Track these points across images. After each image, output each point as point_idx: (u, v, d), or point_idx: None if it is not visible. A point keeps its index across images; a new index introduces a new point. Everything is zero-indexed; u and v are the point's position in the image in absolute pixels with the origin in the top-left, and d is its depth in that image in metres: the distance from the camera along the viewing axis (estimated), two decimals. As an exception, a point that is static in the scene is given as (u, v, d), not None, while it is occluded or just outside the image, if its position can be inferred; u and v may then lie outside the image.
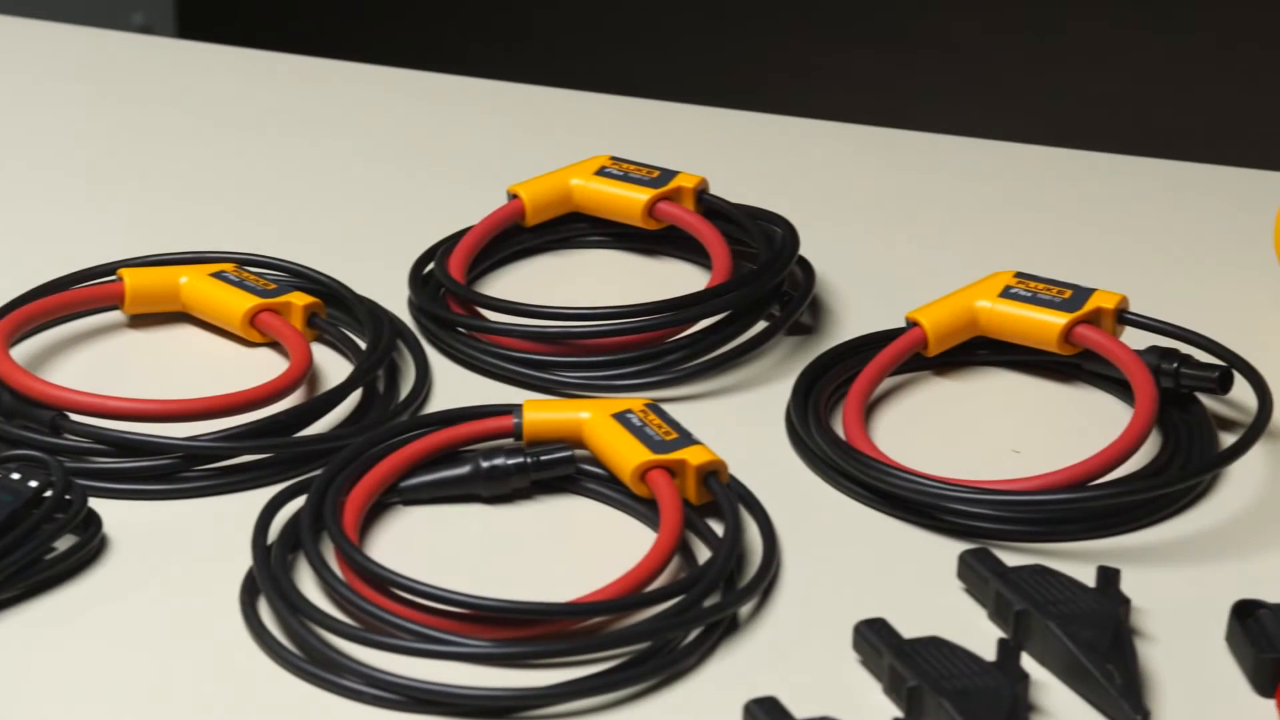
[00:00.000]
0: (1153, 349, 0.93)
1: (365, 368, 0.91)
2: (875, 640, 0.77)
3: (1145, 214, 1.11)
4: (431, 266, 1.01)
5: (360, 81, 1.26)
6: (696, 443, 0.85)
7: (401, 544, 0.84)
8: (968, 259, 1.04)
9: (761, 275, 0.98)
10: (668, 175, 1.04)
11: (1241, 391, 0.91)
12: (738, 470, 0.87)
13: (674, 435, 0.85)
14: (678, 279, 1.03)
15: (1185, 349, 0.93)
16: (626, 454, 0.85)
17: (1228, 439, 0.90)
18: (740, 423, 0.93)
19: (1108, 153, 1.16)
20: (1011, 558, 0.82)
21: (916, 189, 1.14)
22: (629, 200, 1.03)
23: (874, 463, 0.87)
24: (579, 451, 0.87)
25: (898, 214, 1.11)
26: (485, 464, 0.85)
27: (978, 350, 0.97)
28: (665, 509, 0.82)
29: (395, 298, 1.00)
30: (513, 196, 1.04)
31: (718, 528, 0.83)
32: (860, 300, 1.02)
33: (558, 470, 0.86)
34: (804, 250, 1.02)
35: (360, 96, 1.24)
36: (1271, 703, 0.76)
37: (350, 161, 1.16)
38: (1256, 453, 0.90)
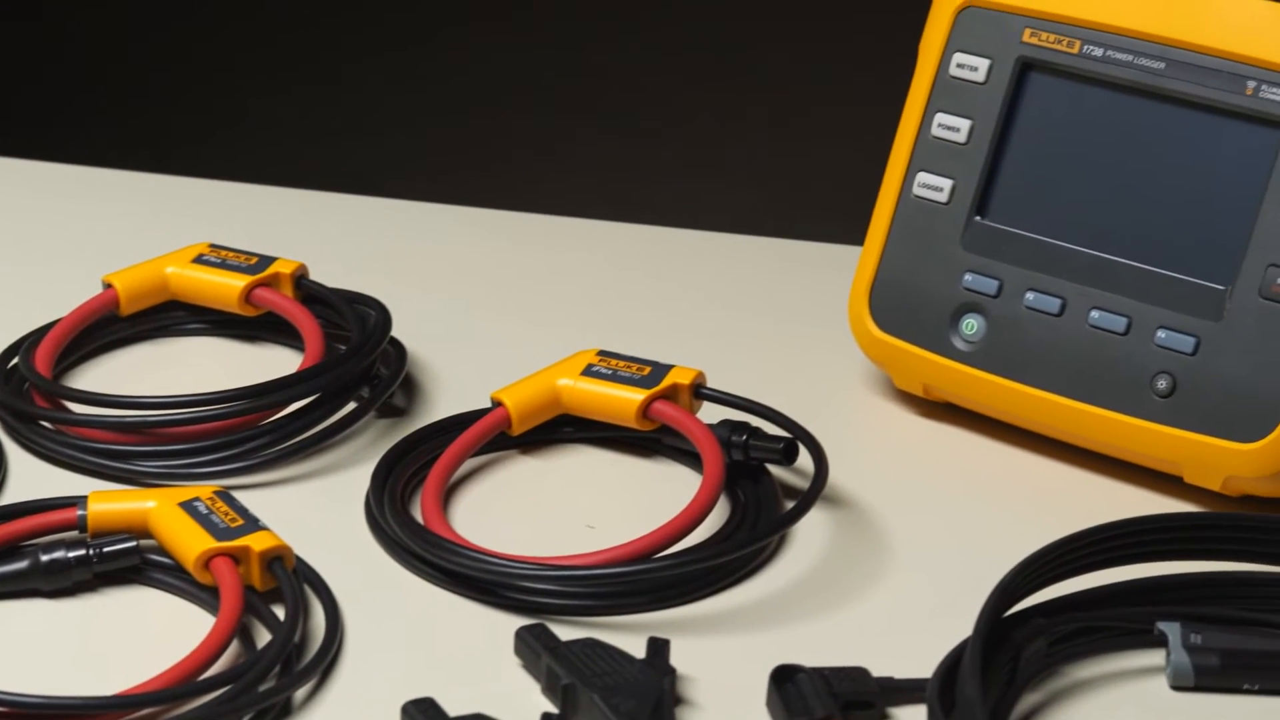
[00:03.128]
0: (725, 422, 0.96)
1: (-67, 463, 0.91)
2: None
3: (732, 288, 1.14)
4: (17, 360, 1.01)
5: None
6: (262, 529, 0.86)
7: (-43, 641, 0.84)
8: (566, 338, 1.05)
9: (348, 358, 0.99)
10: (266, 261, 1.05)
11: (809, 462, 0.94)
12: (314, 555, 0.89)
13: (240, 522, 0.86)
14: (277, 364, 1.04)
15: (757, 422, 0.96)
16: (190, 542, 0.85)
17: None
18: (323, 507, 0.94)
19: (697, 230, 1.20)
20: (573, 632, 0.85)
21: (522, 269, 1.16)
22: (225, 287, 1.04)
23: (443, 543, 0.89)
24: (146, 541, 0.88)
25: (501, 294, 1.13)
26: (45, 557, 0.85)
27: (563, 428, 0.99)
28: (225, 596, 0.83)
29: (-15, 391, 1.00)
30: (107, 286, 1.04)
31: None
32: (456, 381, 1.04)
33: (121, 561, 0.86)
34: (406, 332, 1.04)
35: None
36: (802, 765, 0.79)
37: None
38: (820, 522, 0.94)
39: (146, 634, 0.85)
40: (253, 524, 0.86)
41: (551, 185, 2.79)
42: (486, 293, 1.13)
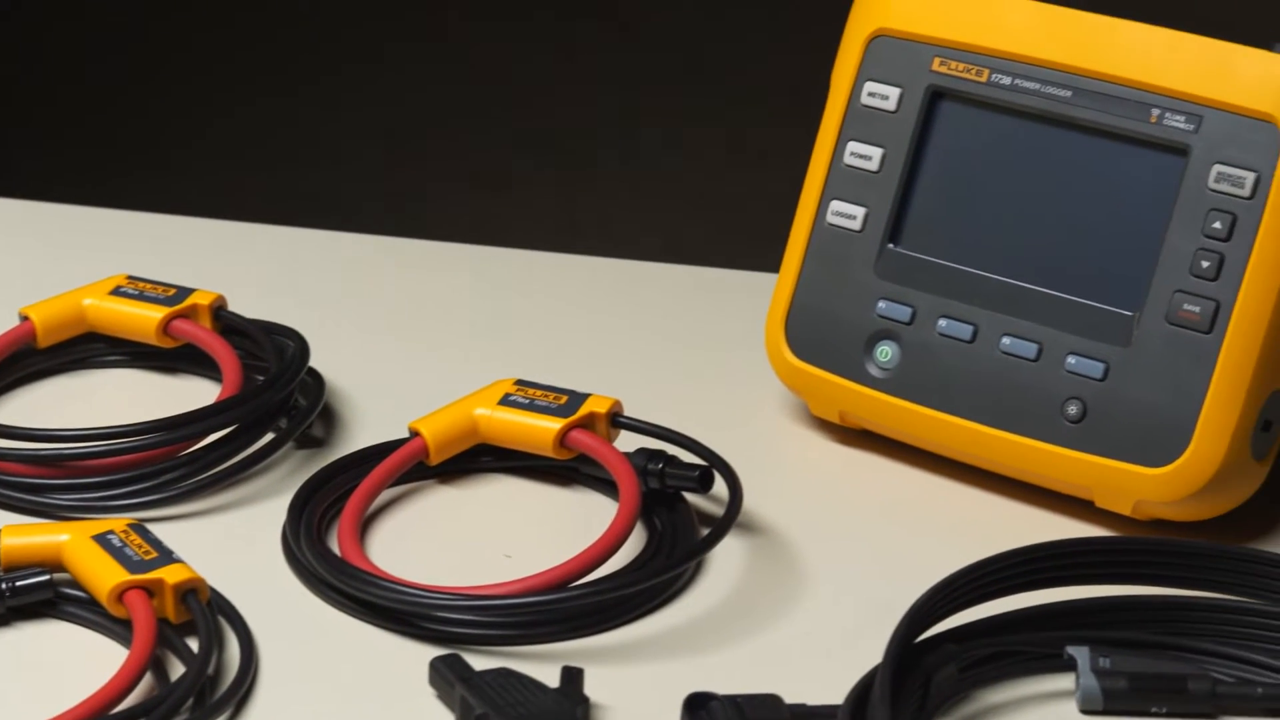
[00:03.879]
0: (641, 451, 0.96)
1: None
2: (332, 752, 0.79)
3: (652, 316, 1.15)
4: (-68, 393, 1.01)
5: None
6: (176, 561, 0.86)
7: None
8: (486, 367, 1.06)
9: (265, 389, 0.99)
10: (184, 293, 1.05)
11: (726, 489, 0.95)
12: (231, 587, 0.89)
13: (154, 554, 0.86)
14: (196, 396, 1.04)
15: (674, 450, 0.97)
16: (104, 575, 0.85)
17: (712, 535, 0.93)
18: (241, 538, 0.94)
19: (611, 258, 1.20)
20: (489, 662, 0.85)
21: (441, 298, 1.16)
22: (143, 319, 1.04)
23: (359, 574, 0.89)
24: (59, 575, 0.87)
25: (420, 324, 1.13)
26: (-44, 593, 0.85)
27: (482, 457, 1.00)
28: (138, 629, 0.83)
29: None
30: (24, 318, 1.04)
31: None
32: (376, 411, 1.04)
33: (35, 595, 0.86)
34: (325, 363, 1.04)
35: None
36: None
37: None
38: (736, 549, 0.94)
39: (60, 668, 0.85)
40: (166, 556, 0.86)
41: (494, 216, 2.79)
42: (406, 322, 1.14)
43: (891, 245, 1.00)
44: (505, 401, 0.98)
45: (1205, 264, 0.92)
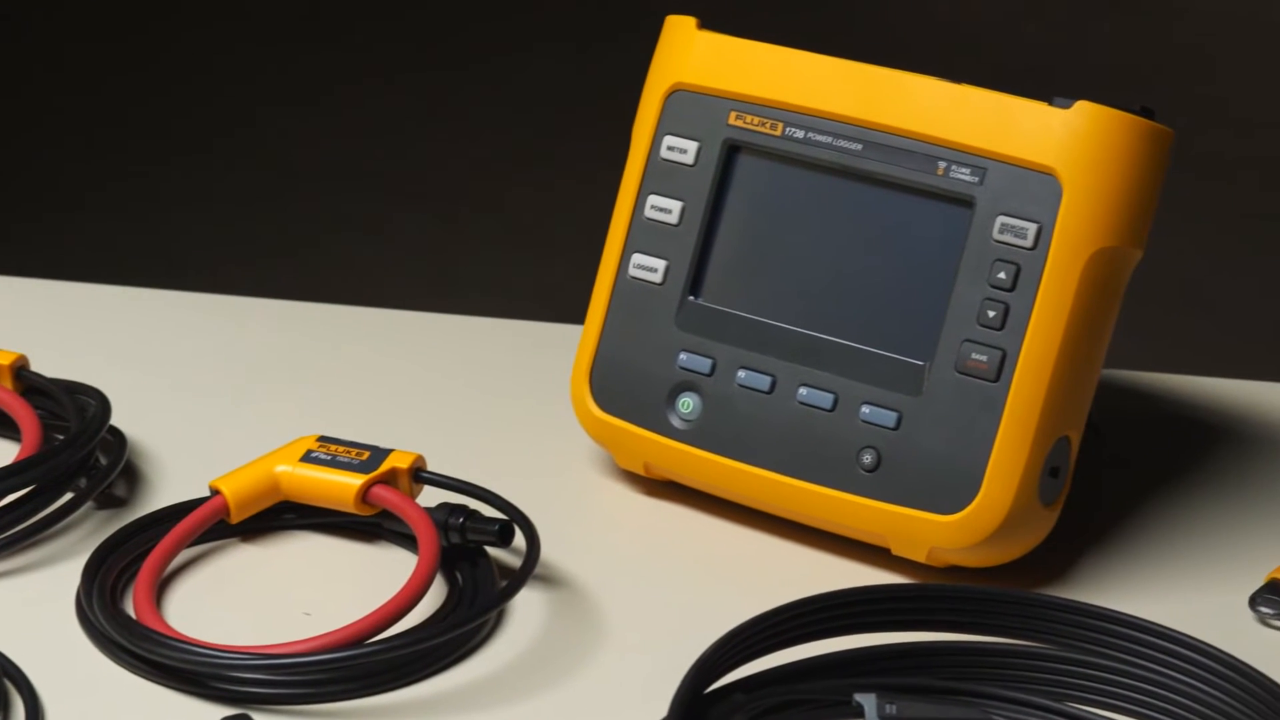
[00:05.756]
0: (443, 506, 0.96)
1: None
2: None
3: (463, 370, 1.15)
4: None
5: None
6: (-38, 626, 0.85)
7: None
8: (294, 423, 1.06)
9: (63, 449, 0.98)
10: (-18, 353, 1.05)
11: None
12: (23, 651, 0.87)
13: (-61, 619, 0.85)
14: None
15: (475, 504, 0.97)
16: (-114, 641, 0.84)
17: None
18: (36, 601, 0.93)
19: (423, 312, 1.20)
20: (280, 722, 0.85)
21: (248, 355, 1.16)
22: (-60, 379, 1.03)
23: (151, 635, 0.88)
24: None
25: (227, 380, 1.13)
26: None
27: (284, 514, 0.99)
28: (-81, 695, 0.82)
29: None
30: None
31: (-12, 710, 0.83)
32: (181, 469, 1.04)
33: None
34: (130, 422, 1.03)
35: None
36: None
37: None
38: (537, 603, 0.94)
39: None
40: (-48, 621, 0.85)
41: (368, 273, 2.78)
42: (211, 379, 1.13)
43: (692, 297, 1.00)
44: (307, 458, 0.98)
45: (991, 314, 0.93)
